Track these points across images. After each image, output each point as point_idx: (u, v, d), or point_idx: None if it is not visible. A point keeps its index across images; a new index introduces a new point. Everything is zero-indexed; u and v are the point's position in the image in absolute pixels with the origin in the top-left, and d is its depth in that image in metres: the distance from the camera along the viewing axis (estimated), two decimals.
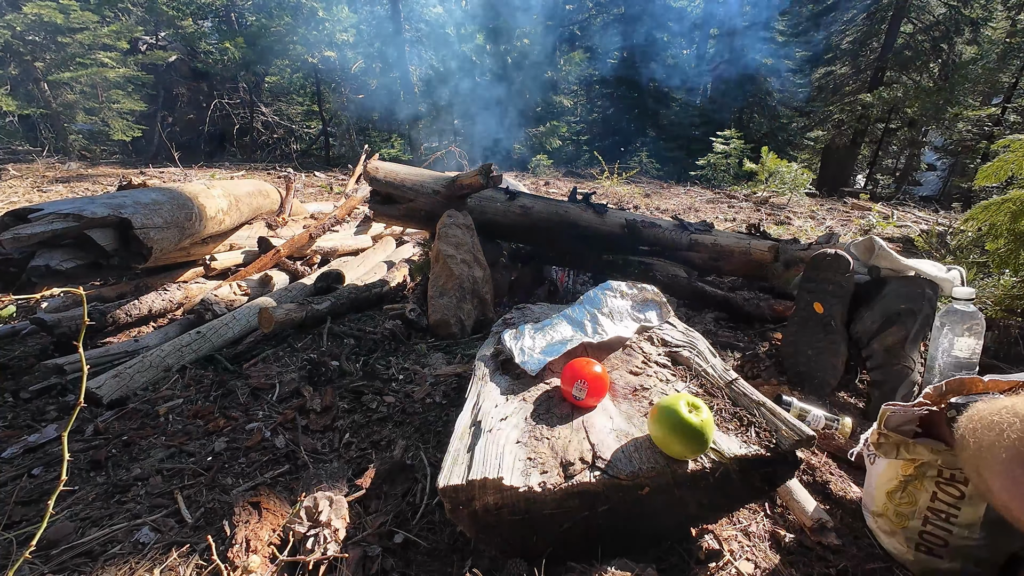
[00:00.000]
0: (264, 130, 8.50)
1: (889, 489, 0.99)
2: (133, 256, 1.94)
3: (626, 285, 1.46)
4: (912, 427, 0.95)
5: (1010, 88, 8.61)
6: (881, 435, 0.98)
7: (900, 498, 0.97)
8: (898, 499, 0.97)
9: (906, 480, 0.96)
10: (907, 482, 0.96)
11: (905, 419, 0.96)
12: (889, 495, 0.98)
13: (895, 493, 0.97)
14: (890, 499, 0.98)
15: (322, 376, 1.67)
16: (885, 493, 0.99)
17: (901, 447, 0.94)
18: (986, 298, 1.96)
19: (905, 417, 0.96)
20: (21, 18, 5.98)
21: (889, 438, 0.96)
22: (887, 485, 0.99)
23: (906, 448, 0.94)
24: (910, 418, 0.95)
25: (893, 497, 0.98)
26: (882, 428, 0.98)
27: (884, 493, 1.00)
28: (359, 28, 8.40)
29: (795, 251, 2.19)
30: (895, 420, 0.97)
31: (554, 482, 0.82)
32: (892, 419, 0.97)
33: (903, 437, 0.94)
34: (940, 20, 9.92)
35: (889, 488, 0.99)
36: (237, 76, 8.22)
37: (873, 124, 10.37)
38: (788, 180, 6.01)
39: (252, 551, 0.95)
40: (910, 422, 0.95)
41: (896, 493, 0.97)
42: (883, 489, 1.00)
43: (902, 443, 0.94)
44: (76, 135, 7.14)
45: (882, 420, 0.98)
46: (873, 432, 1.00)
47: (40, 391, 1.62)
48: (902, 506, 0.96)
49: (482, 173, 2.08)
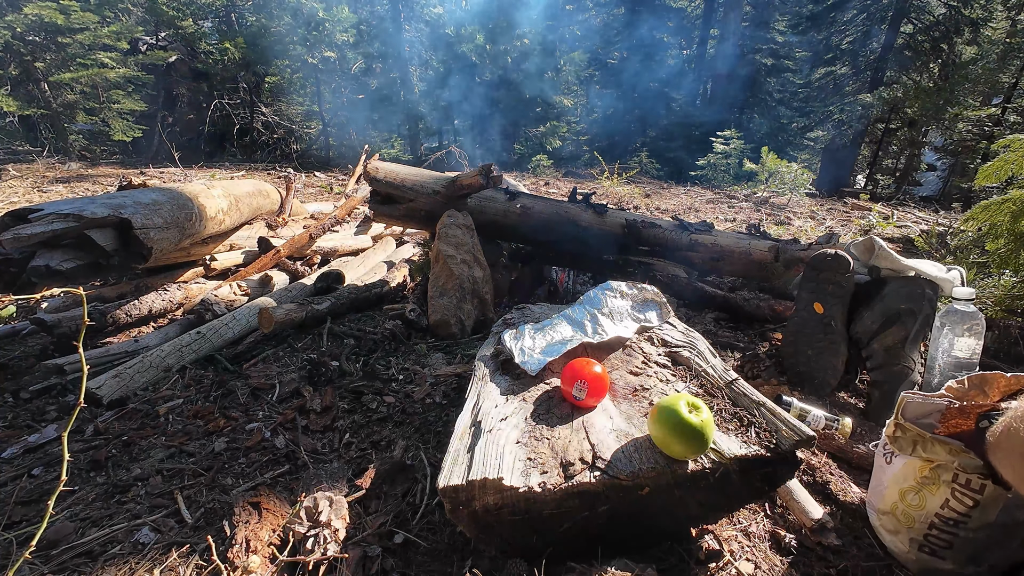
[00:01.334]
0: (264, 130, 8.50)
1: (903, 488, 0.96)
2: (133, 256, 1.94)
3: (626, 285, 1.46)
4: (932, 421, 0.92)
5: (1010, 88, 8.61)
6: (898, 427, 0.93)
7: (912, 499, 0.94)
8: (910, 500, 0.95)
9: (921, 482, 0.93)
10: (922, 485, 0.93)
11: (925, 411, 0.92)
12: (902, 495, 0.96)
13: (908, 494, 0.95)
14: (902, 499, 0.96)
15: (322, 376, 1.67)
16: (899, 492, 0.97)
17: (918, 444, 0.90)
18: (986, 298, 1.96)
19: (925, 408, 0.92)
20: (21, 19, 5.98)
21: (907, 431, 0.91)
22: (902, 484, 0.96)
23: (923, 445, 0.89)
24: (930, 410, 0.92)
25: (906, 497, 0.95)
26: (899, 419, 0.94)
27: (897, 491, 0.97)
28: (359, 28, 8.40)
29: (795, 251, 2.19)
30: (913, 410, 0.93)
31: (554, 482, 0.82)
32: (910, 409, 0.94)
33: (922, 431, 0.89)
34: (940, 20, 9.92)
35: (904, 487, 0.96)
36: (237, 76, 8.22)
37: (873, 124, 10.37)
38: (788, 180, 6.01)
39: (252, 551, 0.95)
40: (930, 415, 0.92)
41: (909, 494, 0.95)
42: (896, 487, 0.97)
43: (920, 439, 0.90)
44: (76, 135, 7.14)
45: (899, 410, 0.94)
46: (890, 424, 0.96)
47: (40, 391, 1.62)
48: (912, 508, 0.94)
49: (482, 173, 2.08)
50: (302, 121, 9.00)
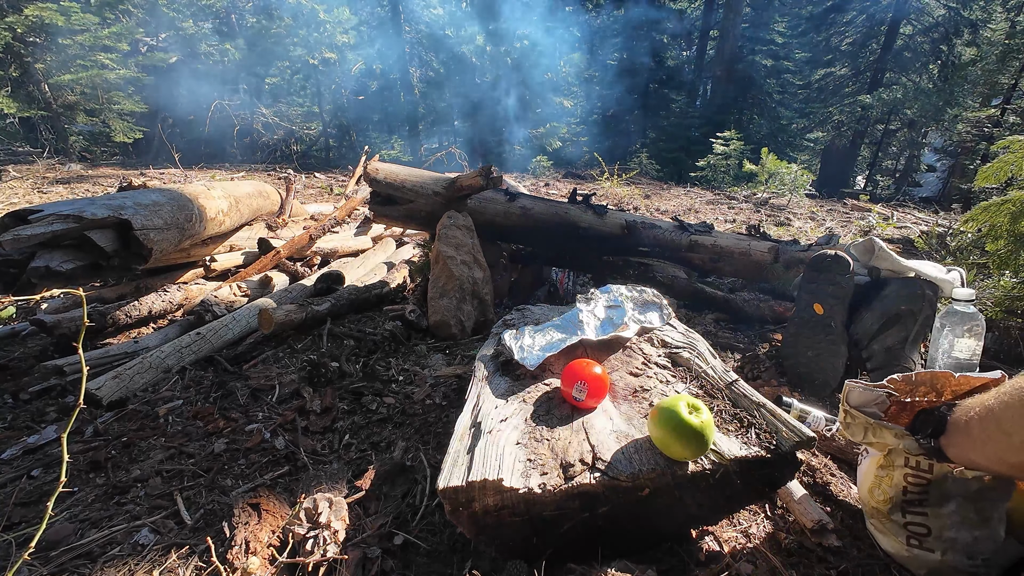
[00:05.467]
0: (264, 131, 8.50)
1: (871, 485, 1.00)
2: (133, 257, 1.94)
3: (626, 287, 1.47)
4: (877, 410, 0.97)
5: (1009, 89, 8.61)
6: (847, 413, 0.99)
7: (879, 493, 0.97)
8: (877, 494, 0.98)
9: (879, 476, 0.97)
10: (881, 478, 0.97)
11: (868, 399, 0.98)
12: (871, 491, 0.99)
13: (875, 490, 0.98)
14: (871, 495, 0.99)
15: (322, 377, 1.67)
16: (868, 489, 1.01)
17: (868, 430, 0.96)
18: (986, 299, 1.96)
19: (868, 397, 0.98)
20: (22, 20, 5.99)
21: (856, 418, 0.97)
22: (869, 481, 1.00)
23: (872, 431, 0.95)
24: (873, 399, 0.97)
25: (874, 493, 0.98)
26: (845, 405, 1.00)
27: (867, 490, 1.01)
28: (359, 30, 8.41)
29: (795, 252, 2.19)
30: (856, 398, 0.98)
31: (554, 483, 0.82)
32: (853, 396, 0.99)
33: (868, 418, 0.95)
34: (939, 22, 9.94)
35: (870, 484, 1.00)
36: (237, 77, 8.24)
37: (873, 125, 10.39)
38: (788, 181, 6.02)
39: (251, 553, 0.95)
40: (874, 403, 0.97)
41: (875, 489, 0.98)
42: (866, 486, 1.01)
43: (869, 425, 0.95)
44: (77, 136, 7.15)
45: (845, 396, 1.00)
46: (840, 411, 1.02)
47: (40, 392, 1.62)
48: (883, 501, 0.97)
49: (482, 174, 2.08)
50: (302, 122, 9.01)
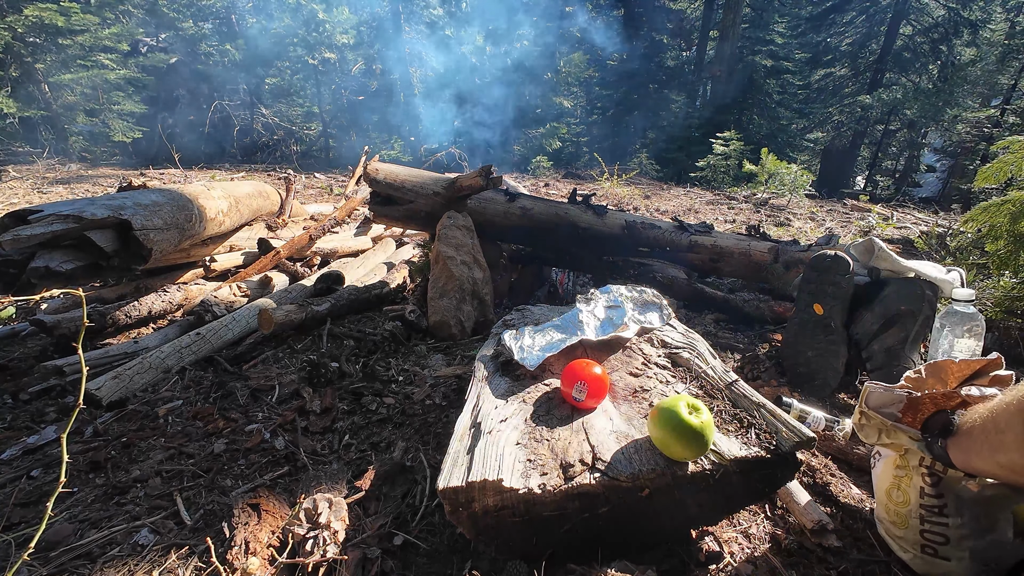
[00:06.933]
0: (264, 131, 8.51)
1: (887, 487, 0.98)
2: (133, 257, 1.94)
3: (626, 288, 1.47)
4: (894, 411, 0.96)
5: (1009, 90, 8.62)
6: (863, 415, 0.98)
7: (896, 496, 0.96)
8: (894, 497, 0.96)
9: (898, 475, 0.96)
10: (899, 478, 0.95)
11: (887, 400, 0.96)
12: (888, 493, 0.98)
13: (892, 491, 0.97)
14: (889, 498, 0.98)
15: (322, 377, 1.67)
16: (884, 492, 0.99)
17: (883, 431, 0.95)
18: (986, 299, 1.96)
19: (887, 398, 0.96)
20: (22, 20, 5.99)
21: (871, 419, 0.96)
22: (885, 483, 0.99)
23: (887, 432, 0.94)
24: (892, 400, 0.96)
25: (891, 496, 0.97)
26: (863, 407, 0.98)
27: (884, 492, 0.99)
28: (359, 30, 8.41)
29: (795, 252, 2.19)
30: (876, 399, 0.97)
31: (554, 484, 0.82)
32: (872, 398, 0.98)
33: (884, 420, 0.94)
34: (939, 22, 9.95)
35: (887, 486, 0.98)
36: (237, 78, 8.24)
37: (872, 126, 10.39)
38: (788, 182, 6.02)
39: (251, 553, 0.95)
40: (892, 404, 0.96)
41: (892, 491, 0.97)
42: (882, 489, 0.99)
43: (883, 427, 0.94)
44: (76, 136, 7.15)
45: (863, 399, 0.99)
46: (855, 413, 1.01)
47: (39, 392, 1.62)
48: (899, 505, 0.95)
49: (482, 175, 2.08)
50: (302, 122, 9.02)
